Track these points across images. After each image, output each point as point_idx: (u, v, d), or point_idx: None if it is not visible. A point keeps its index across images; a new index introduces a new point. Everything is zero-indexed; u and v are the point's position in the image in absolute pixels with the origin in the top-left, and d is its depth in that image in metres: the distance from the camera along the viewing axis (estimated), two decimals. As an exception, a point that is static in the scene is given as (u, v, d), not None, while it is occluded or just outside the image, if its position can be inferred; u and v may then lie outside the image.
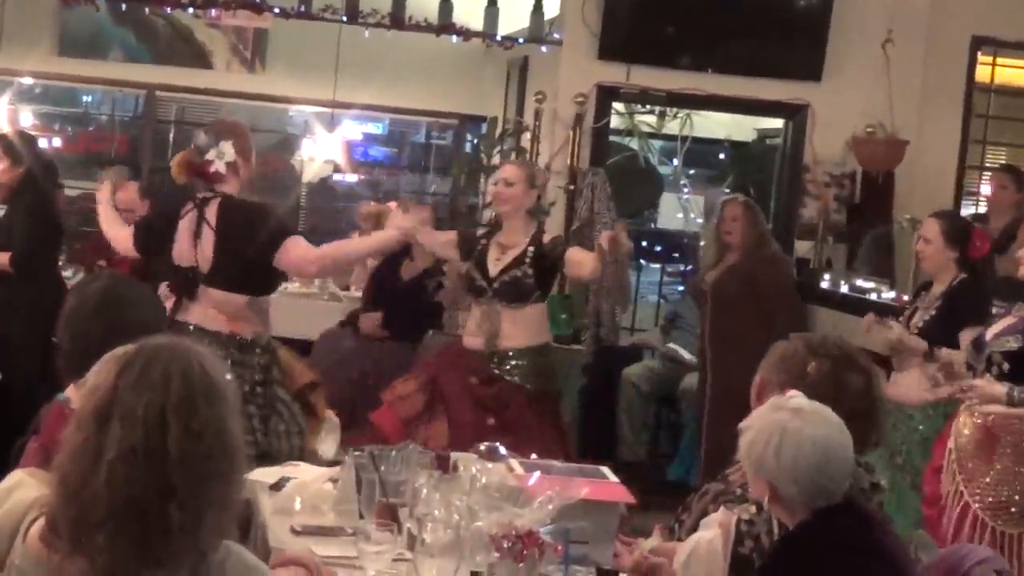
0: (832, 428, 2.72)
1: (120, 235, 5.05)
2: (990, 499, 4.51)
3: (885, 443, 4.59)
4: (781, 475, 2.67)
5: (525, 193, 5.41)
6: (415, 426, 5.25)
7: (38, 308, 5.76)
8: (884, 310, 5.93)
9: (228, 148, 4.81)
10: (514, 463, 3.44)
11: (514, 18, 8.35)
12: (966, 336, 5.04)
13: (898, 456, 5.22)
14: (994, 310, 5.09)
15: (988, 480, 4.54)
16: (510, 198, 5.42)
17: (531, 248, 5.35)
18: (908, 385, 5.31)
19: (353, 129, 10.45)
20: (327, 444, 4.99)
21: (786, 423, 2.69)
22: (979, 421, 4.60)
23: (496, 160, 8.30)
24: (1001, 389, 4.47)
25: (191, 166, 4.85)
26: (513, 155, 8.24)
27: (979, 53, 8.22)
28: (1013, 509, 4.48)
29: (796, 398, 2.79)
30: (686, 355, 7.72)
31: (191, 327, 4.64)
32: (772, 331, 3.37)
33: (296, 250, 4.75)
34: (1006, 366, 4.51)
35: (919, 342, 5.29)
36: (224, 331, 4.66)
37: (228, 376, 2.17)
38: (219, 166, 4.80)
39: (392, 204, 5.80)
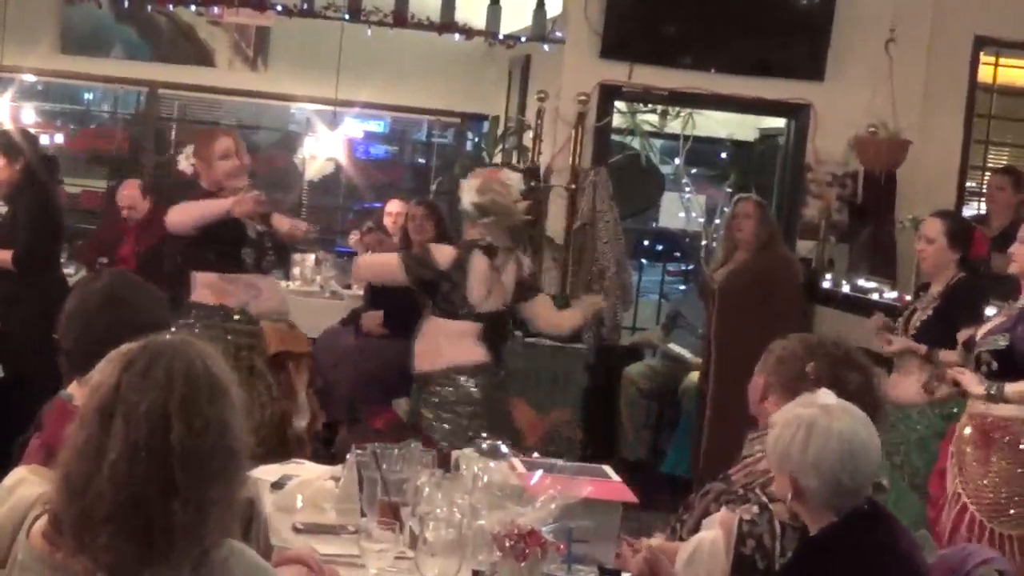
0: (859, 425, 2.73)
1: None
2: (987, 501, 4.51)
3: (884, 442, 4.60)
4: (804, 468, 2.68)
5: None
6: None
7: (41, 305, 5.75)
8: (887, 311, 5.93)
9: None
10: (516, 462, 3.44)
11: (516, 17, 8.34)
12: (963, 336, 5.05)
13: (896, 456, 5.22)
14: (991, 310, 5.09)
15: (986, 482, 4.54)
16: None
17: None
18: (907, 385, 5.31)
19: (355, 127, 10.45)
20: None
21: (815, 417, 2.71)
22: (976, 422, 4.61)
23: (498, 159, 8.30)
24: (980, 388, 4.52)
25: None
26: (515, 155, 8.24)
27: (982, 53, 8.21)
28: (1012, 511, 4.48)
29: (825, 395, 2.80)
30: (687, 354, 7.71)
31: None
32: (778, 331, 3.35)
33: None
34: (995, 364, 4.52)
35: (919, 346, 5.31)
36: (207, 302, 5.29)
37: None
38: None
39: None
